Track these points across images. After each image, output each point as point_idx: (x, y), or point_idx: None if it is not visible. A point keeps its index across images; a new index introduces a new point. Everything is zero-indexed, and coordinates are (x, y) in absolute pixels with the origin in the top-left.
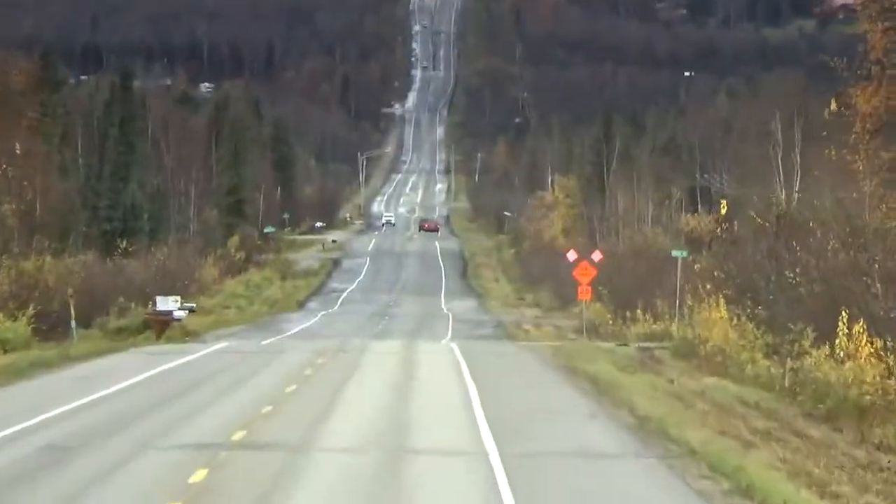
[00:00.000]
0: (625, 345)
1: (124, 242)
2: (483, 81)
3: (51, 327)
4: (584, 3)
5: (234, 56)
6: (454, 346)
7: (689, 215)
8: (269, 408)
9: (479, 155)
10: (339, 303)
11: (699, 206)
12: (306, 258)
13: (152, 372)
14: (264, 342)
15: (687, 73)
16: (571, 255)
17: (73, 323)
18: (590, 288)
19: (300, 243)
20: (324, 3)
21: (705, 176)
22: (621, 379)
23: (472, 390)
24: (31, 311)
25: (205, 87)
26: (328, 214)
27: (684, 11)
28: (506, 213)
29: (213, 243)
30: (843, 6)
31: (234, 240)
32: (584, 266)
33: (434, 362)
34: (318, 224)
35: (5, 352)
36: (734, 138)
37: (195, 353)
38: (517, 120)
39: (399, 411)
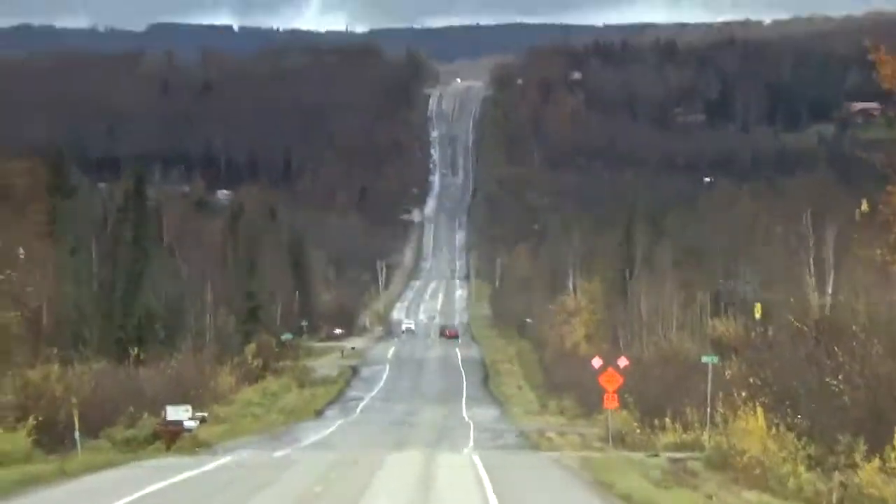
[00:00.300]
0: (655, 455)
1: (136, 350)
2: (502, 187)
3: (56, 439)
4: (602, 109)
5: (250, 163)
6: (476, 458)
7: (715, 320)
8: None
9: (498, 261)
10: (357, 411)
11: (724, 311)
12: (325, 366)
13: (148, 489)
14: (276, 454)
15: (707, 179)
16: (597, 362)
17: (76, 435)
18: (616, 395)
19: (318, 350)
20: (340, 109)
21: (729, 281)
22: (657, 497)
23: None
24: (31, 422)
25: (222, 194)
26: (347, 321)
27: (702, 117)
28: (527, 319)
29: (229, 350)
30: (862, 111)
31: (252, 347)
32: (610, 373)
33: (455, 479)
34: (337, 331)
35: (2, 466)
36: (758, 242)
37: (200, 468)
38: (536, 226)
39: None
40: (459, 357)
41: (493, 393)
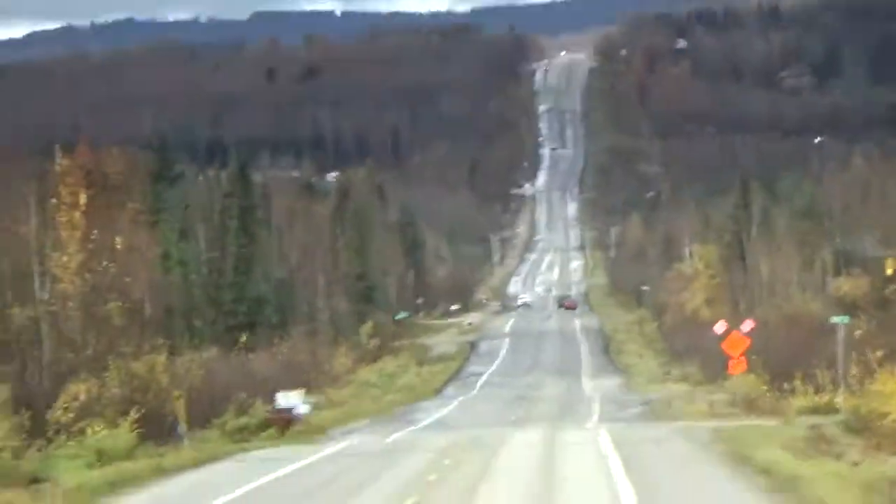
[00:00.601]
0: (789, 422)
1: (244, 337)
2: (612, 158)
3: (166, 431)
4: (708, 75)
5: (358, 145)
6: (602, 433)
7: (840, 279)
8: None
9: (612, 230)
10: (477, 387)
11: (846, 270)
12: (442, 343)
13: (247, 488)
14: (391, 438)
15: (817, 140)
16: (720, 327)
17: (180, 427)
18: (743, 360)
19: (435, 328)
20: (446, 88)
21: (849, 239)
22: (798, 468)
23: (630, 498)
24: (133, 416)
25: (331, 176)
26: (462, 297)
27: (810, 78)
28: (644, 287)
29: (344, 332)
30: None
31: (367, 327)
32: (734, 337)
33: (581, 458)
34: (453, 307)
35: (101, 464)
36: (875, 200)
37: (309, 457)
38: (649, 194)
39: None
40: (578, 328)
41: (615, 362)
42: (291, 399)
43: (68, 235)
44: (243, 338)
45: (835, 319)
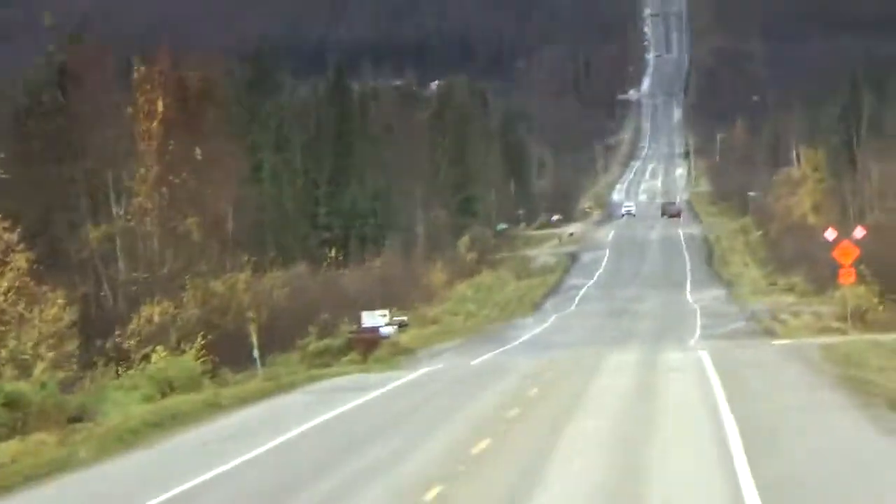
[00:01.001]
0: None
1: (333, 251)
2: (718, 61)
3: (246, 355)
4: None
5: (463, 50)
6: (704, 355)
7: None
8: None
9: (718, 136)
10: (575, 302)
11: None
12: (543, 254)
13: (304, 427)
14: (476, 361)
15: None
16: (830, 234)
17: (255, 353)
18: (853, 269)
19: (536, 239)
20: None
21: None
22: None
23: (735, 440)
24: (199, 341)
25: (434, 85)
26: (565, 207)
27: None
28: (750, 193)
29: (441, 246)
30: None
31: (465, 240)
32: (845, 245)
33: (680, 388)
34: (555, 217)
35: (163, 396)
36: None
37: (383, 386)
38: (755, 98)
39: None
40: (682, 237)
41: (718, 273)
42: (377, 319)
43: (146, 147)
44: (333, 252)
45: None
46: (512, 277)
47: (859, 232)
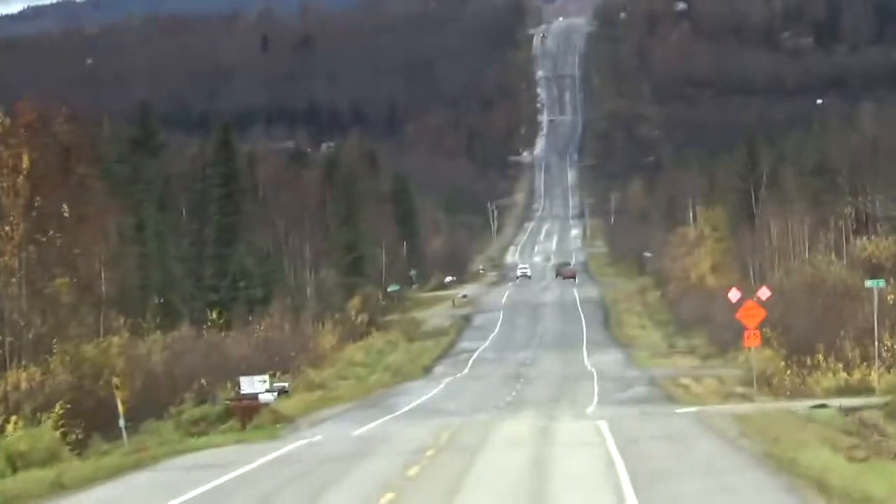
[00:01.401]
0: (822, 406)
1: (215, 314)
2: (612, 123)
3: (115, 425)
4: (709, 37)
5: (355, 114)
6: (603, 425)
7: (864, 240)
8: None
9: (613, 196)
10: (468, 365)
11: (866, 230)
12: (435, 316)
13: None
14: (359, 431)
15: (819, 101)
16: (734, 295)
17: (121, 422)
18: (758, 332)
19: (429, 301)
20: (443, 55)
21: (866, 198)
22: (861, 479)
23: None
24: (58, 410)
25: (326, 146)
26: (459, 268)
27: (810, 39)
28: (646, 253)
29: (331, 307)
30: None
31: (355, 301)
32: (749, 307)
33: (577, 467)
34: (449, 279)
35: (14, 470)
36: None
37: (250, 462)
38: (650, 159)
39: None
40: (578, 298)
41: (616, 335)
42: (256, 384)
43: (10, 203)
44: (215, 314)
45: (869, 283)
46: (403, 340)
47: (764, 292)
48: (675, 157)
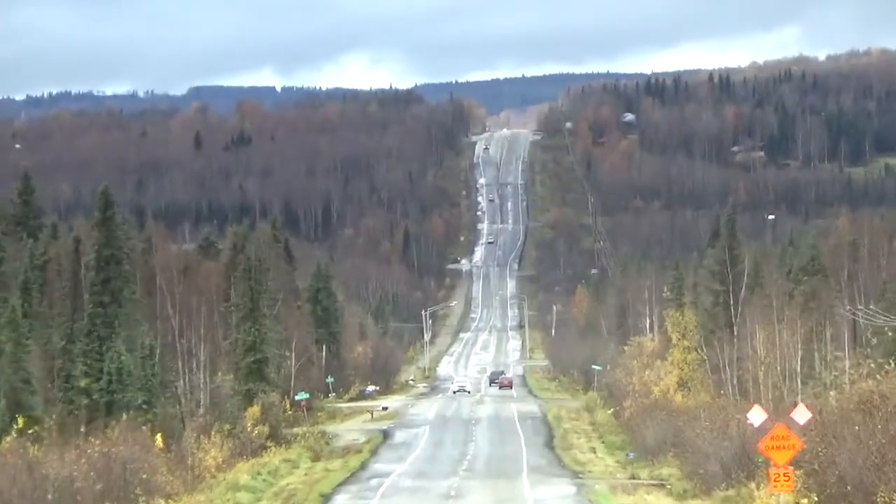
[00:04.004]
0: None
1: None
2: (555, 233)
3: None
4: (657, 149)
5: (288, 215)
6: None
7: None
8: None
9: (555, 308)
10: (377, 496)
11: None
12: (351, 430)
13: None
14: None
15: (770, 217)
16: (757, 416)
17: None
18: (790, 472)
19: (345, 412)
20: (383, 158)
21: (848, 308)
22: None
23: None
24: None
25: (233, 230)
26: (385, 378)
27: (762, 154)
28: (594, 366)
29: (225, 416)
30: None
31: (254, 410)
32: (780, 435)
33: None
34: (370, 388)
35: None
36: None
37: None
38: (594, 271)
39: None
40: (516, 415)
41: (563, 459)
42: None
43: None
44: (18, 423)
45: None
46: (307, 458)
47: (802, 413)
48: (619, 271)
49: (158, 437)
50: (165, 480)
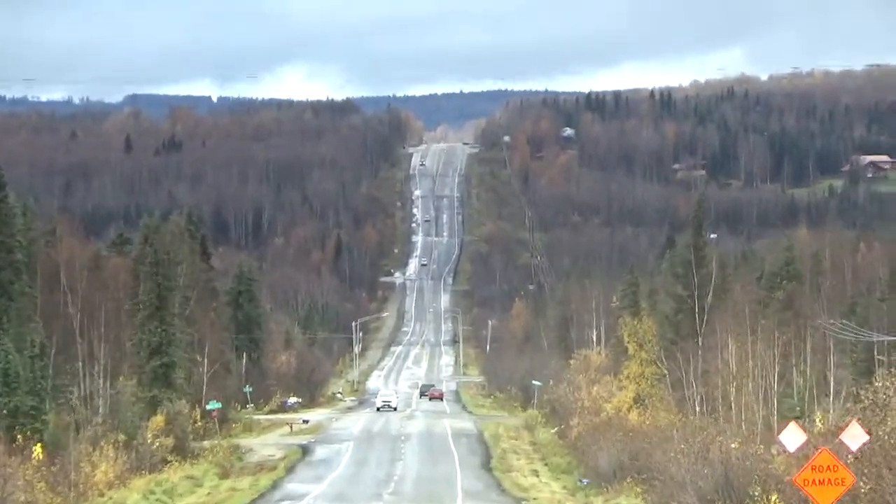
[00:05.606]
0: None
1: None
2: (491, 247)
3: None
4: (596, 165)
5: (218, 222)
6: None
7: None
8: None
9: (490, 323)
10: None
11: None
12: (267, 445)
13: None
14: None
15: (713, 235)
16: (792, 439)
17: None
18: None
19: (263, 425)
20: (319, 168)
21: (821, 321)
22: None
23: None
24: None
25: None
26: (310, 390)
27: (703, 173)
28: (534, 381)
29: (124, 426)
30: (872, 164)
31: (158, 420)
32: (824, 462)
33: None
34: (293, 400)
35: None
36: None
37: None
38: (531, 286)
39: None
40: (450, 432)
41: (503, 484)
42: None
43: None
44: None
45: None
46: (214, 474)
47: (855, 436)
48: (556, 286)
49: (38, 447)
50: (43, 499)
